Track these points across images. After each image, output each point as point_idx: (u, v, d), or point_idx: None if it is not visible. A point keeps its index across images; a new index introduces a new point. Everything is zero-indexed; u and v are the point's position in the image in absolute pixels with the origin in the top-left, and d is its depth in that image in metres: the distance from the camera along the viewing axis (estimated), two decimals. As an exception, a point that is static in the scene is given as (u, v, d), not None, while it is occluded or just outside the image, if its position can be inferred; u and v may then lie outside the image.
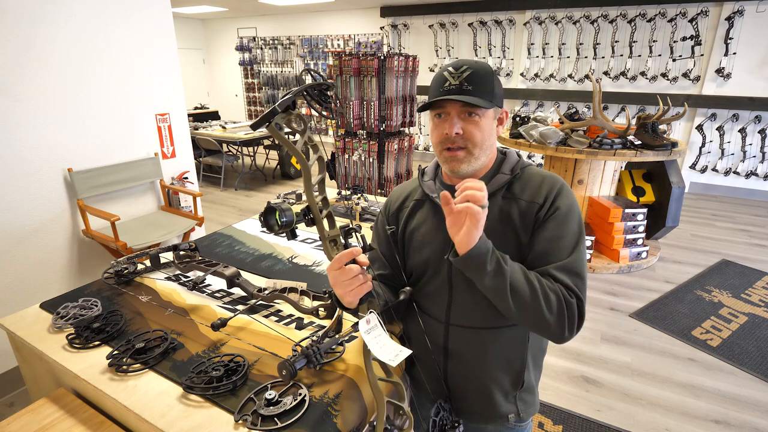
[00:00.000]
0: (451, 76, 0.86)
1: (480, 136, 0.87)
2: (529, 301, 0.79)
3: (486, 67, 0.88)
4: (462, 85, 0.85)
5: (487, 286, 0.80)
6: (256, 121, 0.78)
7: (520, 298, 0.79)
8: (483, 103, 0.84)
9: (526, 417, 0.98)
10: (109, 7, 2.44)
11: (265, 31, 8.73)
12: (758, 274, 3.38)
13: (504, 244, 0.87)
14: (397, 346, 0.81)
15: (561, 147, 3.25)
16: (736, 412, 2.04)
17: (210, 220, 4.45)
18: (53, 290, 2.34)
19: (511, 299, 0.79)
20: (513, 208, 0.89)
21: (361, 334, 0.81)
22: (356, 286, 0.80)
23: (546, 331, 0.82)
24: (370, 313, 0.84)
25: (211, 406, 0.88)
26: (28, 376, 1.29)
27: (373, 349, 0.79)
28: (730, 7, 4.94)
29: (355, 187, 2.18)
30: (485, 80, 0.86)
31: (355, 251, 0.80)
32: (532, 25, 6.04)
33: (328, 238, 0.87)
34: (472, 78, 0.85)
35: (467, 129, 0.87)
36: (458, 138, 0.87)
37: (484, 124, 0.87)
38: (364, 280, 0.81)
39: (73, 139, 2.40)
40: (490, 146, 0.91)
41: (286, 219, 0.85)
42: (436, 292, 0.95)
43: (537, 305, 0.79)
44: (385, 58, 3.70)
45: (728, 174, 5.47)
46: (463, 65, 0.86)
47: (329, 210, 0.88)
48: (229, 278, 1.29)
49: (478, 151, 0.88)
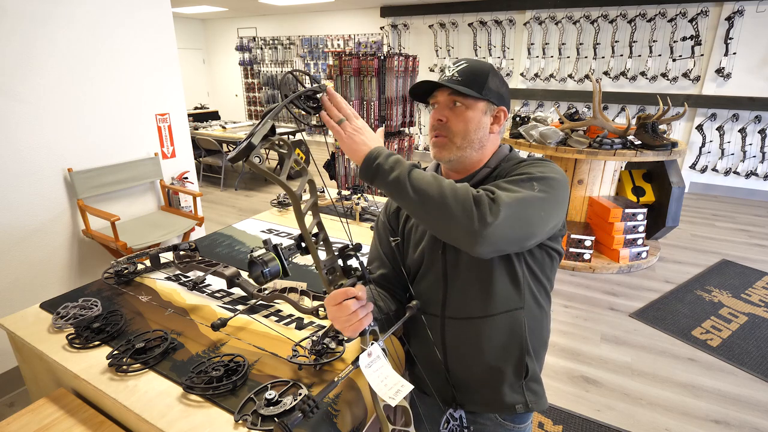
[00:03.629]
0: (447, 68, 0.91)
1: (461, 127, 0.88)
2: (430, 189, 0.73)
3: (484, 64, 0.90)
4: (453, 76, 0.88)
5: (389, 186, 0.76)
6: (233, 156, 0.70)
7: (422, 189, 0.73)
8: (466, 91, 0.86)
9: (535, 408, 0.94)
10: (109, 7, 2.44)
11: (265, 31, 8.73)
12: (758, 274, 3.38)
13: None
14: (399, 380, 0.78)
15: (561, 147, 3.25)
16: (736, 412, 2.04)
17: (210, 220, 4.45)
18: (53, 290, 2.34)
19: (411, 191, 0.74)
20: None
21: (362, 369, 0.78)
22: (354, 323, 0.78)
23: (454, 224, 0.72)
24: (372, 345, 0.81)
25: (211, 406, 0.88)
26: (28, 376, 1.29)
27: (373, 384, 0.77)
28: (730, 7, 4.94)
29: (355, 187, 2.18)
30: (478, 74, 0.88)
31: (349, 291, 0.77)
32: (532, 25, 6.04)
33: (326, 267, 0.83)
34: (464, 70, 0.89)
35: (450, 117, 0.89)
36: (440, 125, 0.90)
37: (470, 116, 0.88)
38: (363, 314, 0.79)
39: (73, 139, 2.40)
40: (479, 140, 0.90)
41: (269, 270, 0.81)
42: (431, 288, 0.96)
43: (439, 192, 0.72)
44: (385, 58, 3.70)
45: (728, 174, 5.47)
46: (462, 60, 0.91)
47: (325, 234, 0.85)
48: (229, 278, 1.28)
49: (459, 140, 0.89)
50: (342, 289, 0.78)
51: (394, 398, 0.75)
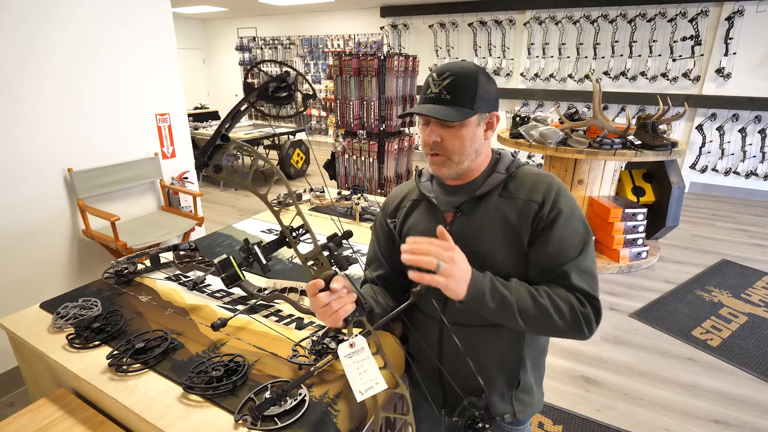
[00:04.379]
0: (433, 83, 0.86)
1: (458, 145, 0.87)
2: (539, 318, 0.81)
3: (470, 71, 0.85)
4: (441, 94, 0.85)
5: (497, 318, 0.82)
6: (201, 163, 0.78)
7: (531, 319, 0.81)
8: (456, 117, 0.83)
9: (523, 417, 0.98)
10: (109, 7, 2.44)
11: (265, 31, 8.73)
12: (758, 274, 3.38)
13: (501, 243, 0.87)
14: (377, 377, 0.78)
15: (561, 147, 3.25)
16: (736, 412, 2.04)
17: (210, 220, 4.44)
18: (53, 290, 2.34)
19: (521, 321, 0.81)
20: (510, 207, 0.88)
21: (341, 359, 0.79)
22: (330, 315, 0.79)
23: (563, 337, 0.85)
24: (356, 337, 0.81)
25: (211, 406, 0.88)
26: (28, 376, 1.29)
27: (349, 375, 0.77)
28: (730, 7, 4.94)
29: (355, 187, 2.19)
30: (466, 87, 0.84)
31: (317, 283, 0.79)
32: (532, 25, 6.04)
33: (308, 259, 0.84)
34: (451, 86, 0.84)
35: (445, 137, 0.87)
36: (436, 146, 0.88)
37: (464, 133, 0.86)
38: (338, 306, 0.79)
39: (73, 139, 2.40)
40: (475, 151, 0.90)
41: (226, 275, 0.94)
42: (432, 291, 0.95)
43: (548, 320, 0.81)
44: (385, 58, 3.70)
45: (728, 174, 5.47)
46: (445, 72, 0.85)
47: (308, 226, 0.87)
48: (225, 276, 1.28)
49: (457, 157, 0.88)
50: (311, 282, 0.80)
51: (364, 393, 0.76)
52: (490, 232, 0.88)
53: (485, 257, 0.87)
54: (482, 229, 0.89)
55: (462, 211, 0.92)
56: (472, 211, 0.91)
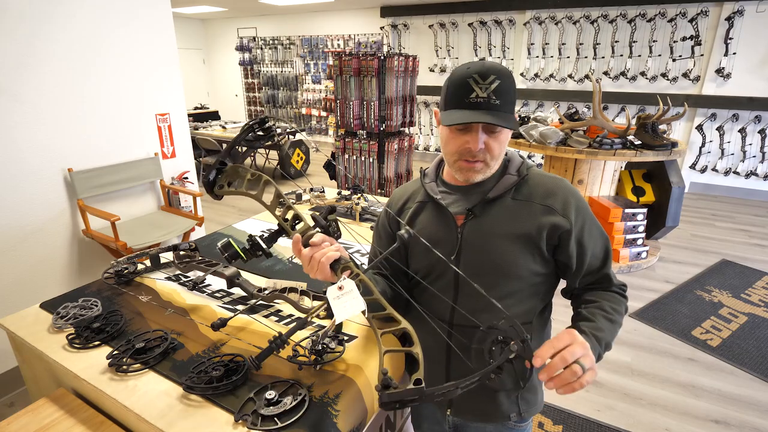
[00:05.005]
0: (477, 86, 0.80)
1: (499, 150, 0.87)
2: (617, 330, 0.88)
3: (509, 73, 0.83)
4: (490, 99, 0.79)
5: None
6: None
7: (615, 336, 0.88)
8: (514, 124, 0.82)
9: (527, 416, 0.98)
10: (109, 7, 2.44)
11: (265, 31, 8.73)
12: (758, 274, 3.38)
13: (515, 247, 0.87)
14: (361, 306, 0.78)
15: (561, 147, 3.25)
16: (736, 412, 2.04)
17: (210, 220, 4.44)
18: (53, 290, 2.34)
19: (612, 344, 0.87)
20: (525, 211, 0.88)
21: (329, 301, 0.79)
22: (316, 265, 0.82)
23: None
24: (344, 280, 0.80)
25: (211, 406, 0.88)
26: (28, 376, 1.29)
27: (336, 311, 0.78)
28: (730, 7, 4.94)
29: (355, 187, 2.19)
30: (511, 91, 0.82)
31: (296, 238, 0.86)
32: (532, 25, 6.04)
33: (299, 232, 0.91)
34: (498, 90, 0.80)
35: (489, 144, 0.84)
36: (479, 152, 0.85)
37: (505, 137, 0.86)
38: (320, 256, 0.82)
39: (73, 139, 2.40)
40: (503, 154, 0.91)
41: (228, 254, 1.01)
42: (441, 293, 0.95)
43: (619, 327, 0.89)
44: (385, 58, 3.70)
45: (728, 174, 5.47)
46: (490, 74, 0.80)
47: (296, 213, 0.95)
48: (229, 278, 1.28)
49: (495, 163, 0.88)
50: (293, 240, 0.86)
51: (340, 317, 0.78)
52: (503, 236, 0.87)
53: (497, 261, 0.87)
54: (495, 233, 0.88)
55: (474, 214, 0.90)
56: (484, 214, 0.90)
